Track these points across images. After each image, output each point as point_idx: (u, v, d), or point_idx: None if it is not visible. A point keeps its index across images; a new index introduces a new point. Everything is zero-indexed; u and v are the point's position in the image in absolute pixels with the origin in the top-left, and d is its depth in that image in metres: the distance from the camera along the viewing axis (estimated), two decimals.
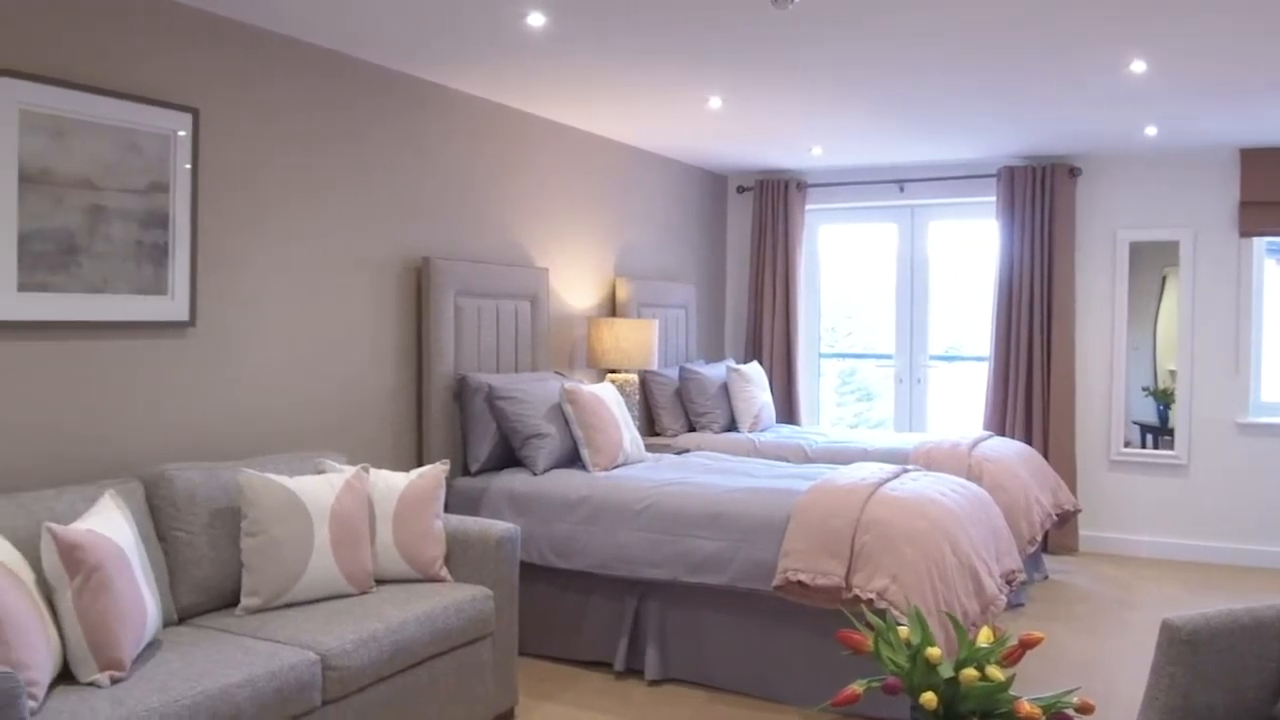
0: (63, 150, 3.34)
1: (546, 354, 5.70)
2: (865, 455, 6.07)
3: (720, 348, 8.20)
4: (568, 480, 4.75)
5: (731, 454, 6.21)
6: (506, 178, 5.57)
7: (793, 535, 4.09)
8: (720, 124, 6.03)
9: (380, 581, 3.76)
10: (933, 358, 7.87)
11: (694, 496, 4.44)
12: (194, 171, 3.77)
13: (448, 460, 4.02)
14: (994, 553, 4.49)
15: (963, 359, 7.91)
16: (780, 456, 6.22)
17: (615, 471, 4.92)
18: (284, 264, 4.22)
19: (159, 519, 3.36)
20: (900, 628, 2.66)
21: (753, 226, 7.99)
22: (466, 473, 5.04)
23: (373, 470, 3.86)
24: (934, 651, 2.49)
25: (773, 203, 7.90)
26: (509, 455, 5.08)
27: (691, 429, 6.82)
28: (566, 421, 5.04)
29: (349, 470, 3.74)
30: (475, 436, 4.95)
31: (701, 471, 4.97)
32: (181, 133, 3.72)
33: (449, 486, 4.91)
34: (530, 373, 5.40)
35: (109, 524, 2.88)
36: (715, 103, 5.45)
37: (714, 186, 7.99)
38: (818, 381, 8.25)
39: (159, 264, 3.66)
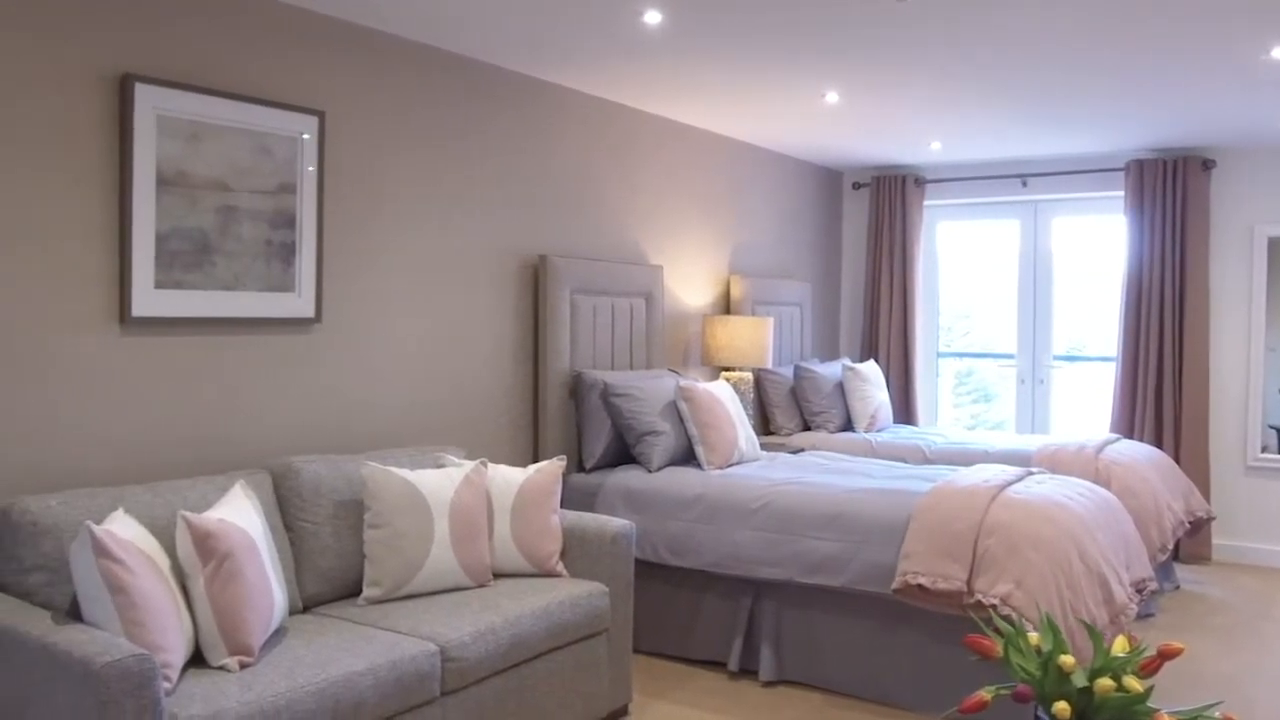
0: (197, 153, 3.46)
1: (661, 351, 5.69)
2: (986, 457, 5.91)
3: (835, 346, 8.10)
4: (683, 478, 4.73)
5: (848, 454, 6.11)
6: (621, 176, 5.59)
7: (913, 537, 4.00)
8: (837, 119, 5.94)
9: (498, 575, 3.80)
10: (1056, 358, 7.63)
11: (811, 496, 4.38)
12: (319, 172, 3.86)
13: (564, 456, 4.04)
14: (1123, 560, 4.33)
15: (1086, 359, 7.65)
16: (898, 457, 6.10)
17: (730, 470, 4.89)
18: (405, 262, 4.30)
19: (285, 509, 3.45)
20: (1030, 634, 2.58)
21: (869, 223, 7.87)
22: (581, 469, 5.06)
23: (491, 465, 3.90)
24: (1068, 659, 2.40)
25: (890, 199, 7.76)
26: (624, 452, 5.08)
27: (806, 428, 6.74)
28: (681, 419, 5.03)
29: (468, 465, 3.78)
30: (590, 433, 4.98)
31: (818, 471, 4.90)
32: (307, 136, 3.82)
33: (564, 482, 4.94)
34: (645, 370, 5.40)
35: (239, 513, 2.96)
36: (832, 98, 5.38)
37: (829, 183, 7.89)
38: (936, 381, 8.08)
39: (286, 262, 3.76)
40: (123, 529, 2.71)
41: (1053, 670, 2.43)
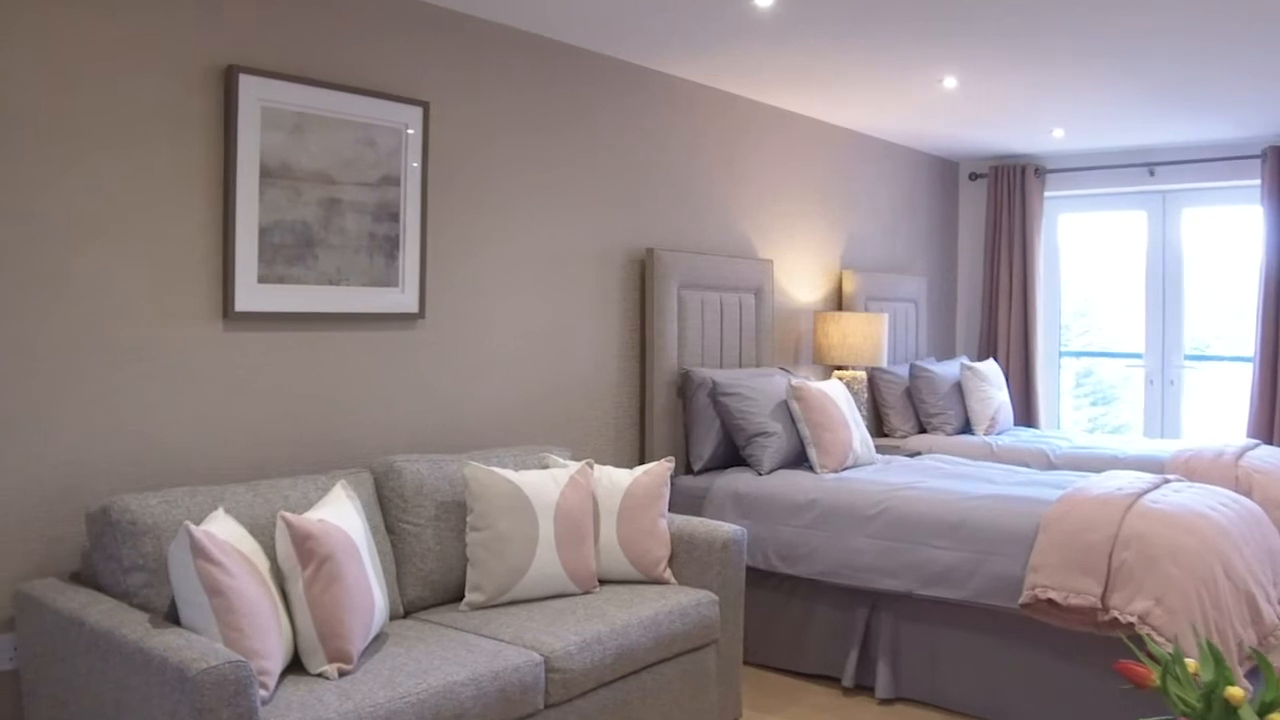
0: (301, 145, 3.39)
1: (771, 349, 5.50)
2: (1116, 463, 5.57)
3: (950, 344, 7.79)
4: (795, 481, 4.54)
5: (967, 458, 5.84)
6: (729, 167, 5.41)
7: (1042, 549, 3.75)
8: (954, 106, 5.67)
9: (603, 581, 3.66)
10: (1188, 357, 7.21)
11: (932, 503, 4.15)
12: (423, 164, 3.77)
13: (672, 458, 3.89)
14: (1271, 576, 4.00)
15: (1219, 359, 7.21)
16: (1020, 462, 5.80)
17: (845, 474, 4.68)
18: (509, 256, 4.20)
19: (387, 510, 3.37)
20: (1187, 660, 2.33)
21: (987, 215, 7.54)
22: (689, 471, 4.90)
23: (597, 466, 3.77)
24: (1235, 692, 2.15)
25: (1009, 190, 7.43)
26: (733, 453, 4.91)
27: (922, 430, 6.47)
28: (793, 420, 4.83)
29: (573, 466, 3.65)
30: (698, 433, 4.81)
31: (937, 476, 4.66)
32: (411, 129, 3.73)
33: (671, 485, 4.78)
34: (754, 368, 5.22)
35: (340, 514, 2.88)
36: (950, 83, 5.12)
37: (945, 173, 7.58)
38: (1056, 382, 7.72)
39: (390, 256, 3.68)
40: (222, 529, 2.64)
41: (1218, 703, 2.18)
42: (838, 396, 4.96)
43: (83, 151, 2.93)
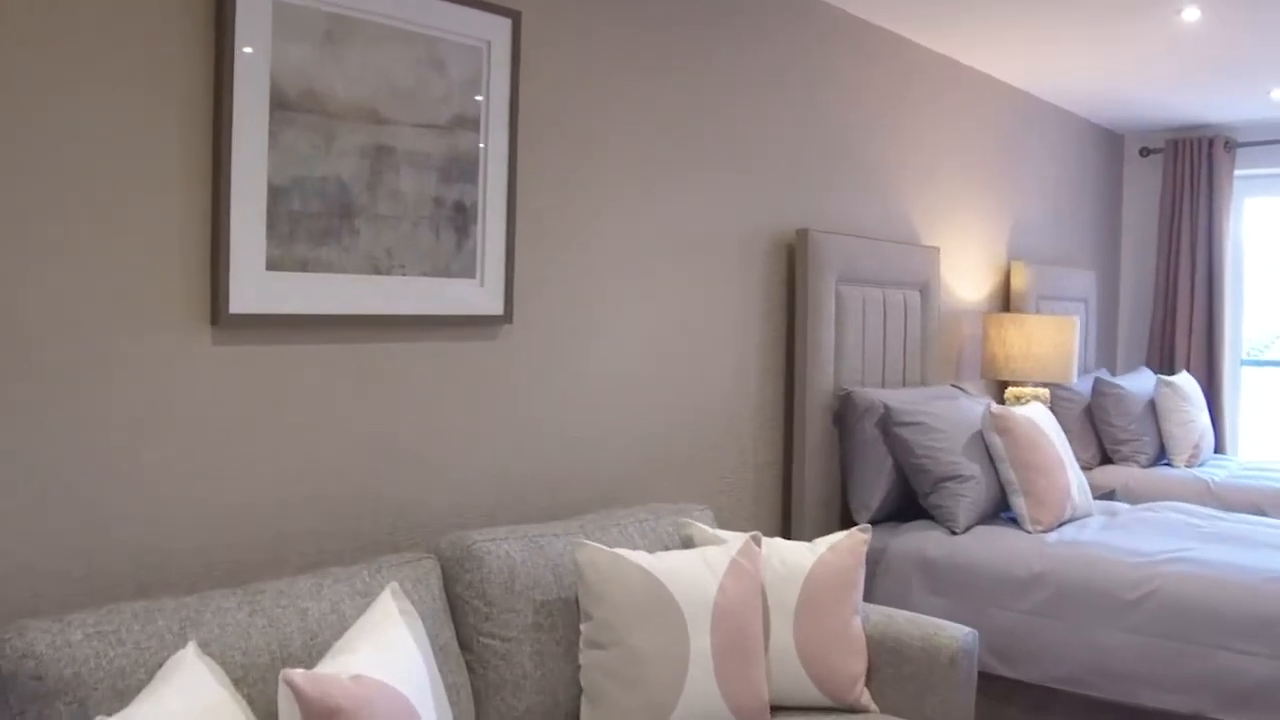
0: (334, 64, 2.25)
1: (935, 361, 4.29)
2: None
3: (1112, 353, 6.49)
4: (1006, 545, 3.33)
5: (1178, 499, 4.60)
6: (893, 129, 4.20)
7: None
8: (1181, 49, 4.39)
9: (776, 708, 2.49)
10: None
11: (1221, 585, 2.93)
12: (512, 101, 2.61)
13: (869, 526, 2.69)
14: None
15: None
16: (1251, 506, 4.54)
17: (1065, 532, 3.45)
18: (625, 238, 3.03)
19: (462, 618, 2.21)
20: None
21: (1162, 198, 6.24)
22: (848, 523, 3.71)
23: (765, 540, 2.59)
24: None
25: (1191, 167, 6.12)
26: (908, 502, 3.71)
27: (1106, 460, 5.22)
28: (991, 458, 3.62)
29: (731, 539, 2.48)
30: (863, 475, 3.62)
31: (1200, 538, 3.42)
32: (496, 48, 2.58)
33: None
34: (922, 387, 4.02)
35: (391, 654, 1.73)
36: (1190, 14, 3.87)
37: (1110, 148, 6.30)
38: (1237, 397, 6.38)
39: (463, 233, 2.53)
40: (185, 691, 1.51)
41: None
42: (1047, 427, 3.74)
43: None
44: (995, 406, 3.62)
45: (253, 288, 2.13)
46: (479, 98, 2.54)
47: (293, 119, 2.18)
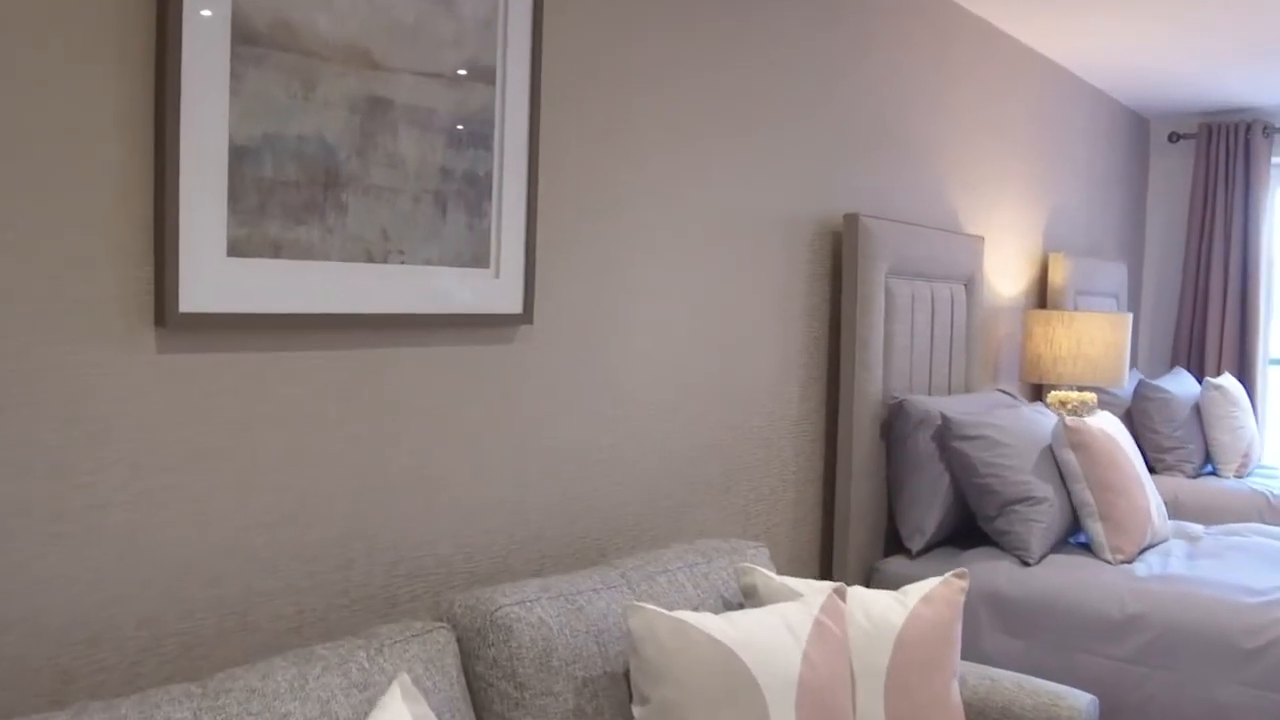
0: None
1: (977, 362, 3.84)
2: None
3: (1133, 350, 6.07)
4: (1093, 579, 2.88)
5: (1239, 514, 4.20)
6: (932, 101, 3.74)
7: None
8: (1223, 11, 3.97)
9: None
10: None
11: None
12: (534, 51, 2.11)
13: (965, 570, 2.22)
14: None
15: None
16: None
17: (1159, 566, 3.01)
18: (662, 222, 2.54)
19: (486, 704, 1.72)
20: None
21: (1194, 186, 5.83)
22: (899, 551, 3.25)
23: (848, 591, 2.12)
24: None
25: (1226, 154, 5.71)
26: (966, 526, 3.26)
27: (1149, 469, 4.80)
28: (1062, 477, 3.17)
29: (808, 591, 2.01)
30: (917, 495, 3.16)
31: None
32: None
33: (875, 575, 3.15)
34: (973, 394, 3.57)
35: None
36: None
37: (1135, 132, 5.88)
38: (1265, 398, 5.99)
39: (475, 212, 2.03)
40: None
41: None
42: (1124, 441, 3.30)
43: None
44: (1069, 418, 3.16)
45: (209, 280, 1.62)
46: (498, 43, 2.04)
47: (262, 58, 1.67)
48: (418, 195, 1.91)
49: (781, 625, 1.87)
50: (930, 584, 2.16)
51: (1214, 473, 4.79)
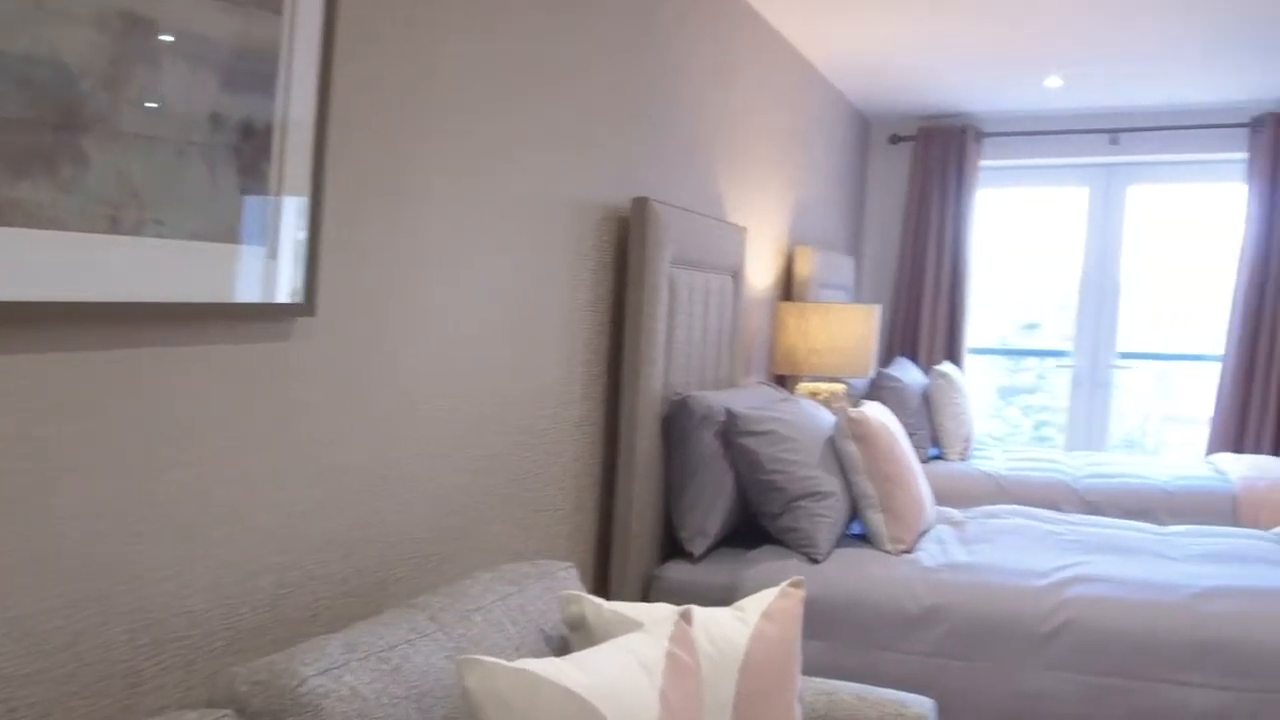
0: None
1: (741, 356, 3.75)
2: (1166, 497, 4.28)
3: None
4: (883, 573, 2.81)
5: (973, 496, 4.38)
6: (709, 92, 3.59)
7: None
8: (947, 29, 4.10)
9: None
10: (1122, 355, 6.10)
11: (1140, 607, 2.57)
12: None
13: (802, 578, 2.05)
14: None
15: (1158, 357, 6.17)
16: (1045, 501, 4.37)
17: (939, 555, 2.98)
18: (459, 205, 2.20)
19: None
20: None
21: (909, 186, 6.10)
22: (679, 555, 3.08)
23: (693, 614, 1.88)
24: None
25: (940, 157, 6.00)
26: (746, 525, 3.14)
27: None
28: (842, 470, 3.11)
29: (649, 621, 1.77)
30: (699, 497, 2.99)
31: (1080, 549, 3.07)
32: None
33: (656, 583, 2.96)
34: (741, 389, 3.47)
35: None
36: None
37: (857, 132, 6.06)
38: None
39: (250, 173, 1.63)
40: None
41: None
42: (898, 432, 3.29)
43: None
44: (852, 410, 3.10)
45: None
46: None
47: None
48: (181, 149, 1.50)
49: (634, 664, 1.62)
50: (768, 597, 1.98)
51: (940, 456, 4.98)
